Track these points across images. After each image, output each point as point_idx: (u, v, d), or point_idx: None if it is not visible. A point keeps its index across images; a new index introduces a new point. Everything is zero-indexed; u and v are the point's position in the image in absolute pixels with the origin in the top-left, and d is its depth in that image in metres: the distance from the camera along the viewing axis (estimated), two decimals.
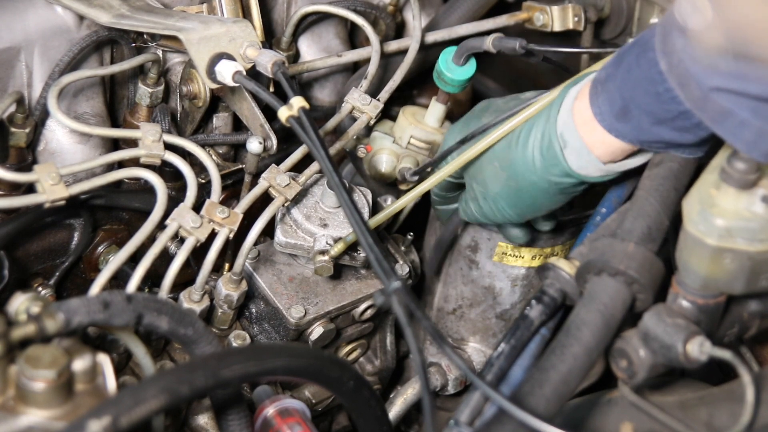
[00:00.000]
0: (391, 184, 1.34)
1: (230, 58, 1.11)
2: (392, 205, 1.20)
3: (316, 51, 1.42)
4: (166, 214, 1.07)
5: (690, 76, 0.89)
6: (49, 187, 1.03)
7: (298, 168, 1.17)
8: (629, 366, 0.96)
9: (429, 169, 1.22)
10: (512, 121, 1.08)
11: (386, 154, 1.31)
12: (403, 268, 1.25)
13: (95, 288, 1.03)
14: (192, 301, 1.11)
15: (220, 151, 1.30)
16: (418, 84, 1.47)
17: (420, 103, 1.52)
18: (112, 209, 1.21)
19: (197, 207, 1.08)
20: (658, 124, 0.97)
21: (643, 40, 0.96)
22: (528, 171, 1.06)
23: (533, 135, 1.05)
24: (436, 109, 1.30)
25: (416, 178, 1.25)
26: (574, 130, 1.01)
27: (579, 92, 1.03)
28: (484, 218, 1.17)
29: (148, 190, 1.10)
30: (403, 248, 1.31)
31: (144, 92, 1.23)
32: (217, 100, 1.27)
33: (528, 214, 1.13)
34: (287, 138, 1.25)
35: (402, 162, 1.30)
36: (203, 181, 1.18)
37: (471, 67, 1.24)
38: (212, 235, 1.08)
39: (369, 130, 1.33)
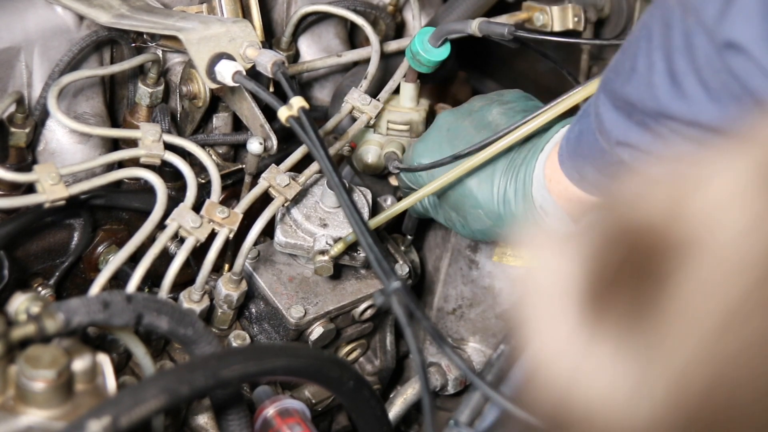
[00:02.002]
0: (383, 176, 1.35)
1: (230, 58, 1.11)
2: (393, 207, 1.20)
3: (315, 51, 1.42)
4: (166, 214, 1.07)
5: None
6: (49, 187, 1.03)
7: (298, 168, 1.17)
8: None
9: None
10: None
11: (370, 145, 1.32)
12: (402, 268, 1.25)
13: (95, 288, 1.03)
14: (192, 301, 1.11)
15: (220, 151, 1.30)
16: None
17: None
18: (112, 209, 1.21)
19: (197, 207, 1.08)
20: None
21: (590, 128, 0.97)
22: (515, 225, 1.10)
23: (517, 199, 1.08)
24: (407, 88, 1.30)
25: (397, 171, 1.25)
26: (556, 206, 1.04)
27: (549, 177, 1.05)
28: (447, 226, 1.20)
29: (148, 190, 1.10)
30: (403, 248, 1.31)
31: (144, 92, 1.23)
32: (217, 100, 1.27)
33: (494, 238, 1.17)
34: (287, 138, 1.25)
35: (386, 148, 1.31)
36: (203, 181, 1.18)
37: (446, 50, 1.24)
38: (212, 235, 1.08)
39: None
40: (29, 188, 1.08)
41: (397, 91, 1.32)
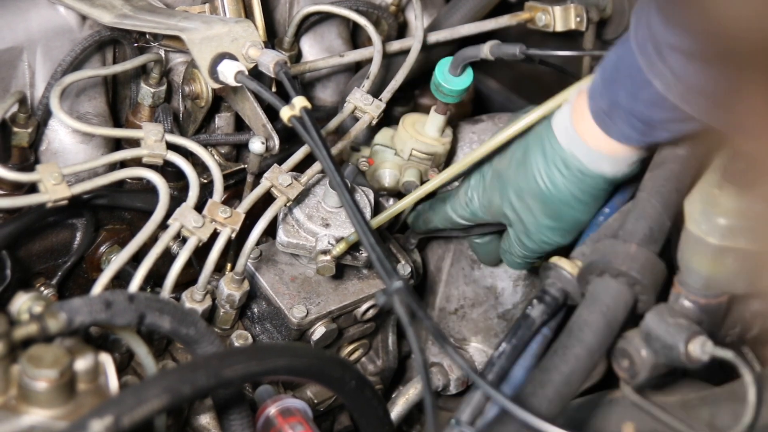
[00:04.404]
0: (396, 195, 1.34)
1: (232, 58, 1.11)
2: (394, 206, 1.20)
3: (318, 51, 1.42)
4: (169, 214, 1.07)
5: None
6: (52, 187, 1.03)
7: (300, 168, 1.18)
8: (631, 366, 0.96)
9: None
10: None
11: (388, 167, 1.29)
12: (405, 268, 1.25)
13: (97, 288, 1.03)
14: (194, 300, 1.11)
15: (223, 151, 1.30)
16: (421, 84, 1.47)
17: (422, 103, 1.52)
18: (115, 209, 1.21)
19: (199, 207, 1.08)
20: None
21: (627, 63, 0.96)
22: (559, 194, 1.08)
23: (482, 203, 1.16)
24: (436, 119, 1.27)
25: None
26: (586, 146, 1.03)
27: (576, 117, 1.04)
28: (533, 256, 1.19)
29: (151, 190, 1.10)
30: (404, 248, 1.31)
31: (146, 92, 1.23)
32: (220, 100, 1.27)
33: (572, 230, 1.14)
34: (289, 138, 1.25)
35: (405, 175, 1.28)
36: (205, 180, 1.18)
37: (468, 77, 1.23)
38: (214, 235, 1.08)
39: (371, 133, 1.32)
40: (32, 188, 1.09)
41: (417, 108, 1.31)
